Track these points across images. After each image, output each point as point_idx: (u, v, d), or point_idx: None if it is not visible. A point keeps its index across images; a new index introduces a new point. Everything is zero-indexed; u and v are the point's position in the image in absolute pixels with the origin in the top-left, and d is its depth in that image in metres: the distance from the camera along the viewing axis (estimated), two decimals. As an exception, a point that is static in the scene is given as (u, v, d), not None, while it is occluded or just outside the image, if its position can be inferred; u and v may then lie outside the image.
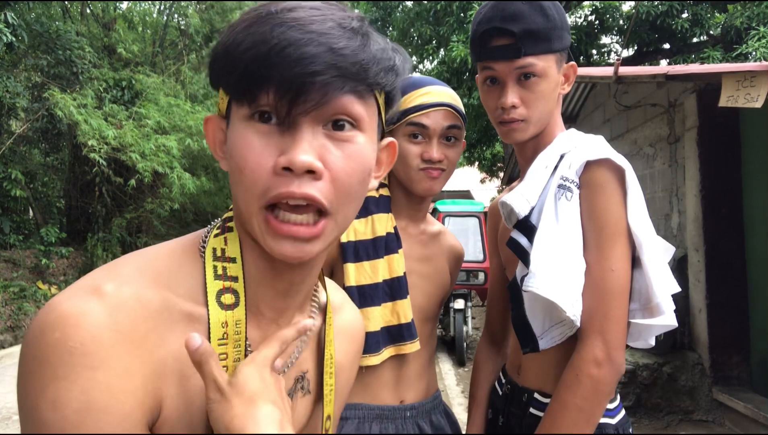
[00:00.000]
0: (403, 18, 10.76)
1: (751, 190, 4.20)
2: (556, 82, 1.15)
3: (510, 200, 1.13)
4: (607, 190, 1.05)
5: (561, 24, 1.12)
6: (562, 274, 1.02)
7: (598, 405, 1.00)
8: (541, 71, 1.11)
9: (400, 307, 1.28)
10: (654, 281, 1.04)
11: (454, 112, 1.29)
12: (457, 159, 1.32)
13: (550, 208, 1.08)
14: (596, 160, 1.06)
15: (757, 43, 6.32)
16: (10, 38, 7.31)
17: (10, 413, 4.83)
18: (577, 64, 1.23)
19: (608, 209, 1.04)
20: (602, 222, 1.04)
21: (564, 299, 1.00)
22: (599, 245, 1.04)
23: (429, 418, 1.34)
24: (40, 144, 11.41)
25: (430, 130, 1.26)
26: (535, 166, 1.15)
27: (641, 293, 1.06)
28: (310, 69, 0.53)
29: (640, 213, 1.05)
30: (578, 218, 1.06)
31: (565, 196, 1.07)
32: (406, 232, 1.37)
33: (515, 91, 1.12)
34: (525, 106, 1.13)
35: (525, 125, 1.14)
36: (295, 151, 0.54)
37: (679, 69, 3.48)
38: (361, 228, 1.30)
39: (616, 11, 9.00)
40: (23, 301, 8.38)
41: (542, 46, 1.10)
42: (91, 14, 11.46)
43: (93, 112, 8.94)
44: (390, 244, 1.30)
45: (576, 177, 1.08)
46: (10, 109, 9.03)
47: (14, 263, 9.12)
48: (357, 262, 1.27)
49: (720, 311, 4.37)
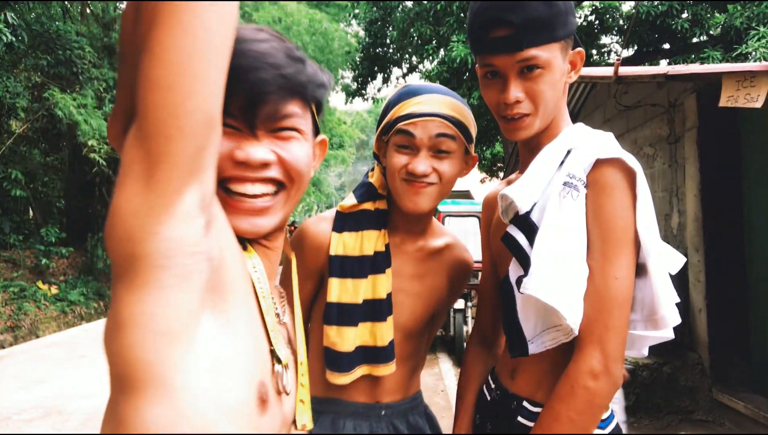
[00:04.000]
0: (403, 18, 10.75)
1: (751, 190, 4.20)
2: (562, 72, 1.07)
3: (511, 193, 1.04)
4: (617, 192, 0.97)
5: (565, 8, 1.03)
6: (563, 279, 0.96)
7: (592, 419, 0.95)
8: (545, 62, 1.02)
9: (378, 329, 1.22)
10: (660, 292, 0.98)
11: (446, 123, 1.19)
12: (451, 174, 1.21)
13: (554, 206, 1.00)
14: (607, 159, 0.98)
15: (757, 43, 6.32)
16: (10, 38, 7.31)
17: (10, 413, 4.83)
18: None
19: (616, 213, 0.96)
20: (609, 226, 0.97)
21: (565, 305, 0.94)
22: (604, 251, 0.96)
23: (405, 418, 1.31)
24: (40, 144, 11.41)
25: (417, 140, 1.18)
26: (540, 159, 1.07)
27: (644, 303, 1.01)
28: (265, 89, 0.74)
29: (649, 219, 0.98)
30: (583, 219, 0.99)
31: (570, 195, 0.99)
32: (401, 248, 1.30)
33: (518, 85, 1.04)
34: (529, 99, 1.05)
35: (531, 120, 1.07)
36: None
37: (679, 69, 3.48)
38: (351, 242, 1.24)
39: (616, 11, 9.00)
40: (23, 301, 8.38)
41: (545, 35, 1.01)
42: (91, 14, 11.45)
43: (93, 112, 8.94)
44: (377, 264, 1.24)
45: (584, 175, 1.00)
46: (10, 109, 9.03)
47: (14, 263, 9.12)
48: (341, 278, 1.23)
49: (720, 311, 4.37)
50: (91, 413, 4.80)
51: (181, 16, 0.53)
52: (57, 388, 5.55)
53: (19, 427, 4.52)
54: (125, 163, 0.56)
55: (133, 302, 0.56)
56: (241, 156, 0.73)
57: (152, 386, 0.57)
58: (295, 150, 0.78)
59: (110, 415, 0.60)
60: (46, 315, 8.60)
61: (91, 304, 9.77)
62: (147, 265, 0.56)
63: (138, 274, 0.56)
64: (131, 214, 0.55)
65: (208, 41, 0.55)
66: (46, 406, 4.99)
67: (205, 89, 0.56)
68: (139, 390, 0.57)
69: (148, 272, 0.56)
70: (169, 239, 0.56)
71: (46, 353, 7.08)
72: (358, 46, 13.37)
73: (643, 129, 5.46)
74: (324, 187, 23.27)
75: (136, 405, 0.57)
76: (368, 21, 12.35)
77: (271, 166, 0.76)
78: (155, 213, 0.55)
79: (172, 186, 0.56)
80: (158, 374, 0.57)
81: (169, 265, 0.56)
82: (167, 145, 0.55)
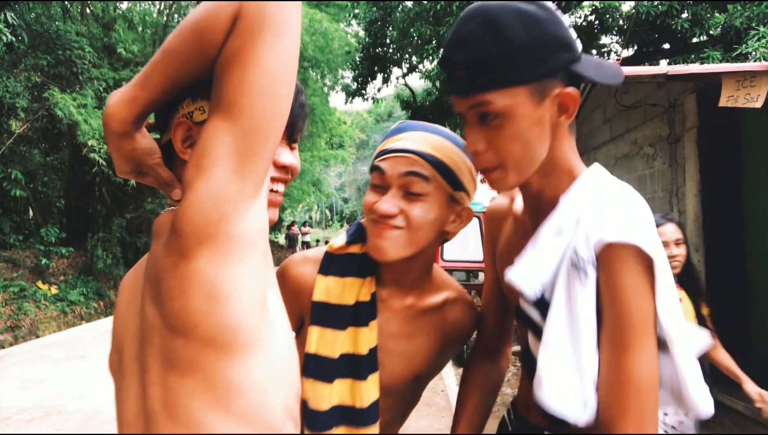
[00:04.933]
0: (403, 18, 10.76)
1: (751, 190, 4.20)
2: (537, 120, 0.87)
3: (518, 281, 0.92)
4: (632, 282, 0.82)
5: (534, 44, 0.83)
6: (572, 378, 0.85)
7: None
8: (503, 110, 0.85)
9: (357, 389, 1.08)
10: (685, 372, 0.87)
11: (420, 161, 1.03)
12: (423, 221, 1.03)
13: (562, 290, 0.87)
14: (619, 243, 0.82)
15: (757, 43, 6.32)
16: (10, 38, 7.31)
17: (10, 413, 4.83)
18: None
19: (635, 305, 0.82)
20: (629, 320, 0.83)
21: (573, 411, 0.85)
22: (626, 344, 0.83)
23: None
24: (40, 144, 11.41)
25: (386, 177, 1.05)
26: (546, 232, 0.92)
27: (668, 380, 0.90)
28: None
29: (670, 302, 0.84)
30: (593, 306, 0.85)
31: (578, 279, 0.85)
32: (386, 303, 1.13)
33: (476, 133, 0.89)
34: (493, 151, 0.89)
35: (500, 174, 0.91)
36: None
37: (679, 69, 3.48)
38: (335, 288, 1.11)
39: (616, 11, 9.00)
40: (23, 301, 8.38)
41: (500, 78, 0.84)
42: (91, 14, 11.45)
43: (93, 112, 8.94)
44: (359, 315, 1.09)
45: (592, 255, 0.85)
46: (10, 109, 9.03)
47: (14, 263, 9.12)
48: (321, 327, 1.10)
49: (720, 311, 4.36)
50: (91, 413, 4.80)
51: (287, 38, 0.66)
52: (57, 388, 5.55)
53: (19, 427, 4.52)
54: (215, 154, 0.64)
55: (233, 276, 0.64)
56: (287, 162, 0.94)
57: (256, 347, 0.66)
58: (298, 158, 1.01)
59: (200, 382, 0.65)
60: (46, 315, 8.60)
61: (91, 304, 9.77)
62: (241, 243, 0.65)
63: (233, 251, 0.64)
64: (225, 199, 0.63)
65: (295, 60, 0.68)
66: (46, 406, 4.99)
67: (290, 99, 0.69)
68: (244, 351, 0.65)
69: (243, 249, 0.65)
70: (257, 221, 0.67)
71: (46, 353, 7.08)
72: (358, 46, 13.38)
73: (643, 129, 5.46)
74: (324, 187, 23.28)
75: (243, 365, 0.65)
76: (368, 21, 12.35)
77: (289, 171, 0.96)
78: (247, 198, 0.65)
79: (260, 176, 0.66)
80: (259, 337, 0.67)
81: (257, 243, 0.67)
82: (265, 142, 0.66)
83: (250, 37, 0.63)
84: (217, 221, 0.63)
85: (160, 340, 0.66)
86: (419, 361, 1.16)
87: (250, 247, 0.66)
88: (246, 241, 0.65)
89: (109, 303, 10.27)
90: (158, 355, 0.67)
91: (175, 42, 0.68)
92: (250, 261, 0.66)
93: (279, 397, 0.69)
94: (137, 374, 0.72)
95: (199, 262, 0.63)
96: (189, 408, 0.65)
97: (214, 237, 0.63)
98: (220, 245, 0.63)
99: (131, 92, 0.71)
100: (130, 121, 0.73)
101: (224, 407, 0.65)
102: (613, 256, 0.83)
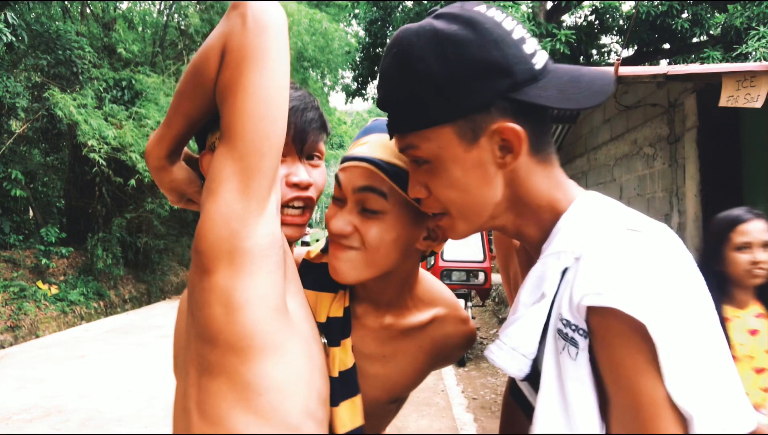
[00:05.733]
0: (403, 18, 10.76)
1: (751, 190, 4.20)
2: (473, 163, 0.73)
3: (499, 363, 0.75)
4: (629, 361, 0.63)
5: (452, 76, 0.69)
6: None
7: None
8: (429, 155, 0.74)
9: (331, 414, 0.92)
10: None
11: (376, 172, 0.86)
12: (380, 242, 0.87)
13: (551, 364, 0.71)
14: (600, 308, 0.64)
15: (757, 43, 6.32)
16: (10, 38, 7.31)
17: (10, 413, 4.83)
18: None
19: (639, 390, 0.63)
20: (637, 408, 0.64)
21: None
22: (642, 427, 0.64)
23: None
24: (40, 144, 11.41)
25: (343, 189, 0.90)
26: (525, 295, 0.76)
27: None
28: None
29: (686, 369, 0.61)
30: (588, 380, 0.68)
31: (567, 352, 0.69)
32: (360, 321, 1.00)
33: (414, 178, 0.79)
34: (435, 196, 0.77)
35: (449, 221, 0.79)
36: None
37: (679, 69, 3.47)
38: (310, 301, 0.98)
39: (616, 11, 9.01)
40: (23, 301, 8.38)
41: (416, 119, 0.73)
42: (91, 14, 11.45)
43: (93, 112, 8.94)
44: (331, 333, 0.96)
45: (579, 319, 0.67)
46: (10, 109, 9.03)
47: (14, 263, 9.12)
48: None
49: (720, 311, 4.36)
50: (91, 413, 4.80)
51: (270, 63, 0.71)
52: (57, 388, 5.55)
53: (19, 427, 4.52)
54: (220, 177, 0.71)
55: (248, 287, 0.70)
56: (296, 180, 0.90)
57: (273, 351, 0.72)
58: (322, 174, 0.96)
59: (225, 384, 0.72)
60: (46, 315, 8.60)
61: (91, 304, 9.76)
62: (253, 257, 0.70)
63: (245, 264, 0.70)
64: (233, 217, 0.69)
65: (285, 81, 0.74)
66: (46, 406, 4.99)
67: (283, 117, 0.74)
68: (261, 355, 0.71)
69: (256, 262, 0.71)
70: (267, 234, 0.72)
71: (46, 353, 7.08)
72: (358, 46, 13.38)
73: (643, 129, 5.46)
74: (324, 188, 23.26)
75: (260, 367, 0.72)
76: (368, 21, 12.35)
77: (309, 188, 0.93)
78: (254, 214, 0.71)
79: (264, 192, 0.72)
80: (275, 341, 0.73)
81: (270, 255, 0.72)
82: (261, 161, 0.71)
83: (236, 68, 0.70)
84: (228, 238, 0.69)
85: (195, 347, 0.75)
86: (399, 383, 1.04)
87: (262, 259, 0.71)
88: (257, 254, 0.71)
89: (108, 303, 10.28)
90: (194, 360, 0.75)
91: (182, 83, 0.77)
92: (263, 272, 0.72)
93: (297, 398, 0.75)
94: (183, 377, 0.80)
95: (217, 276, 0.70)
96: (216, 407, 0.72)
97: (227, 252, 0.70)
98: (233, 259, 0.70)
99: (160, 131, 0.82)
100: (163, 156, 0.83)
101: (245, 406, 0.72)
102: (599, 326, 0.65)
